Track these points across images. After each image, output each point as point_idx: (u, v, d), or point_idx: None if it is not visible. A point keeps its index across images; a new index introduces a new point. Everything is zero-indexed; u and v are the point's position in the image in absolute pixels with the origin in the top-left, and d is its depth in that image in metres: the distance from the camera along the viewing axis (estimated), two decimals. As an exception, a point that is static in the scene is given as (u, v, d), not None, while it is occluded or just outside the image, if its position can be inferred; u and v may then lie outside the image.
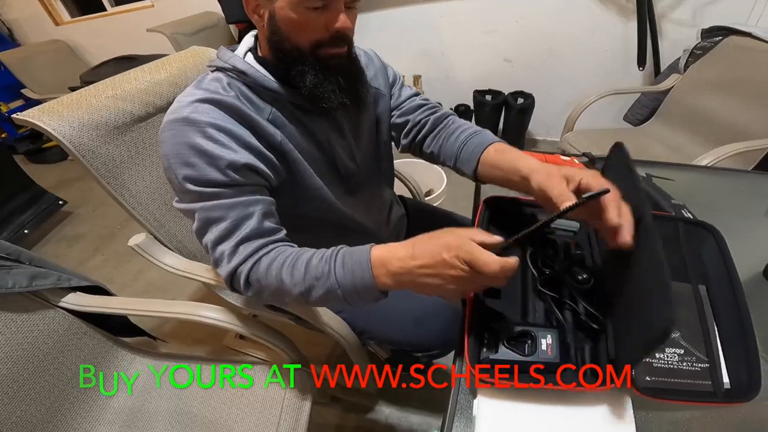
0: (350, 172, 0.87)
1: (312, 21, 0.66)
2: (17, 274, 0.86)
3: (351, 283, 0.59)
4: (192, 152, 0.64)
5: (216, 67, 0.74)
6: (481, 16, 2.45)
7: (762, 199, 0.96)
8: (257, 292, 0.66)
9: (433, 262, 0.54)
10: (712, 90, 1.74)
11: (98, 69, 2.82)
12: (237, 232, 0.65)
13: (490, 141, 0.81)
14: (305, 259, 0.62)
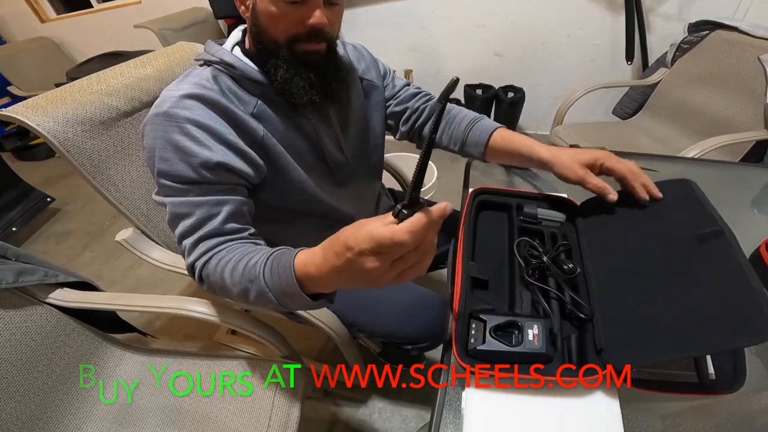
0: (339, 163, 0.87)
1: (289, 15, 0.67)
2: (3, 270, 0.85)
3: (278, 287, 0.57)
4: (168, 147, 0.65)
5: (203, 60, 0.74)
6: (472, 10, 2.45)
7: (747, 190, 0.98)
8: (209, 287, 0.68)
9: (341, 263, 0.47)
10: (698, 84, 1.76)
11: (84, 65, 2.79)
12: (200, 229, 0.66)
13: (494, 127, 0.88)
14: (245, 261, 0.61)
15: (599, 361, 0.53)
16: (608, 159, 0.71)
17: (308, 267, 0.52)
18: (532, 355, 0.54)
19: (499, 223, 0.76)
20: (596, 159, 0.71)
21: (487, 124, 0.89)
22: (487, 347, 0.55)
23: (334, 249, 0.48)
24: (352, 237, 0.45)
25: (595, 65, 2.42)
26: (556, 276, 0.64)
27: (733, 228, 0.82)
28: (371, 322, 0.96)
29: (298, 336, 1.12)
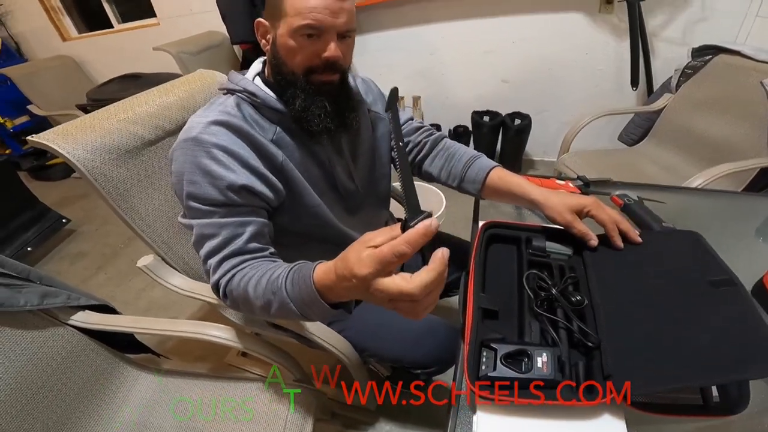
0: (349, 191, 0.92)
1: (306, 48, 0.73)
2: (29, 292, 0.88)
3: (299, 297, 0.61)
4: (197, 171, 0.70)
5: (227, 89, 0.80)
6: (479, 36, 2.49)
7: (751, 219, 0.99)
8: (233, 303, 0.71)
9: (350, 285, 0.50)
10: (703, 109, 1.76)
11: (104, 87, 2.86)
12: (225, 248, 0.70)
13: (491, 166, 0.92)
14: (268, 275, 0.65)
15: (606, 386, 0.55)
16: (594, 207, 0.74)
17: (325, 281, 0.57)
18: (543, 380, 0.56)
19: (508, 256, 0.79)
20: (583, 206, 0.75)
21: (485, 162, 0.93)
22: (498, 374, 0.57)
23: (343, 273, 0.51)
24: (357, 265, 0.48)
25: (600, 91, 2.44)
26: (564, 307, 0.66)
27: (736, 257, 0.85)
28: (381, 347, 0.98)
29: (308, 360, 1.14)
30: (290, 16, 0.71)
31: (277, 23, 0.74)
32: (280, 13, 0.72)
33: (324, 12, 0.71)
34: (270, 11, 0.75)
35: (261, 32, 0.78)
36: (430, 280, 0.45)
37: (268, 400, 0.95)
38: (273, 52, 0.77)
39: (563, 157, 1.86)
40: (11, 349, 0.84)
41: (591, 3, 2.19)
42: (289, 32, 0.72)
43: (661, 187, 1.09)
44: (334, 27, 0.74)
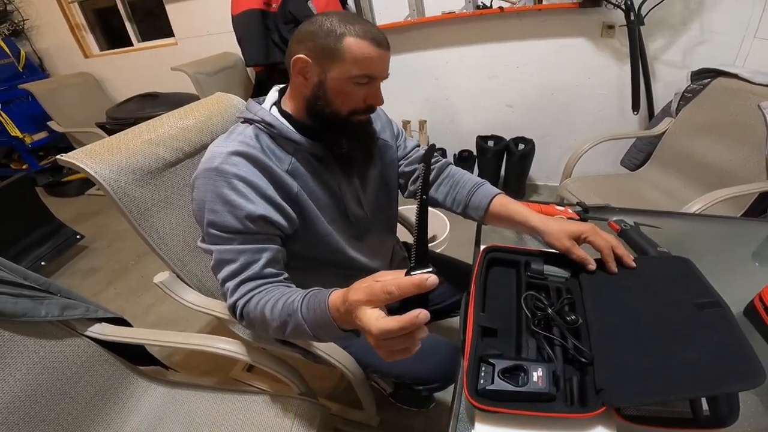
0: (358, 218, 0.95)
1: (356, 93, 0.78)
2: (50, 304, 0.92)
3: (314, 320, 0.65)
4: (218, 200, 0.74)
5: (245, 118, 0.83)
6: (484, 62, 2.54)
7: (747, 244, 1.02)
8: (249, 323, 0.76)
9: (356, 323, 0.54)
10: (702, 133, 1.77)
11: (123, 105, 2.93)
12: (242, 273, 0.74)
13: (495, 193, 0.95)
14: (284, 299, 0.69)
15: (598, 399, 0.58)
16: (592, 233, 0.78)
17: (338, 305, 0.60)
18: (537, 394, 0.59)
19: (508, 278, 0.82)
20: (581, 233, 0.78)
21: (489, 190, 0.97)
22: (496, 387, 0.60)
23: (349, 310, 0.54)
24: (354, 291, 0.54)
25: (602, 115, 2.46)
26: (559, 326, 0.69)
27: (732, 280, 0.88)
28: (386, 363, 0.99)
29: (313, 376, 1.16)
30: (348, 62, 0.74)
31: (330, 66, 0.75)
32: (334, 58, 0.74)
33: (379, 63, 0.77)
34: (319, 52, 0.74)
35: (299, 68, 0.77)
36: (391, 328, 0.48)
37: (272, 413, 0.97)
38: (317, 91, 0.78)
39: (566, 182, 1.88)
40: (30, 358, 0.88)
41: (593, 28, 2.24)
42: (344, 78, 0.75)
43: (658, 212, 1.12)
44: (383, 76, 0.80)
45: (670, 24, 2.09)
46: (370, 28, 0.75)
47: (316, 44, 0.74)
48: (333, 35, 0.73)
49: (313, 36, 0.74)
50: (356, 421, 1.38)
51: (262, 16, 2.32)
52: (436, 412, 1.39)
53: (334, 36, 0.73)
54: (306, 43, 0.75)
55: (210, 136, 1.10)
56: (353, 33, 0.73)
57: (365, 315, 0.51)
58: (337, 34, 0.73)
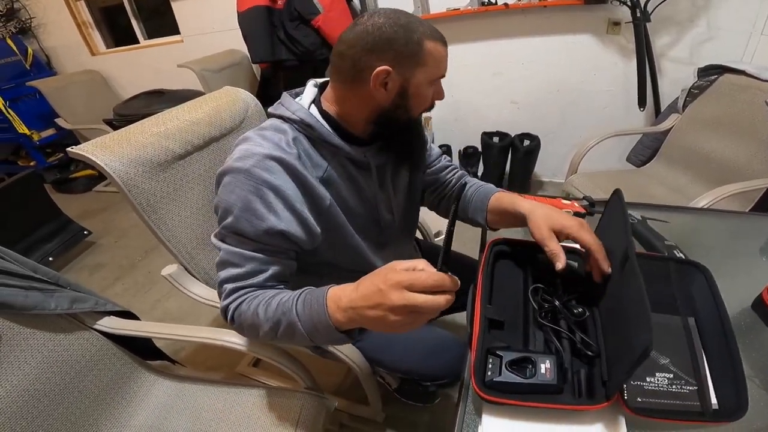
0: (387, 224, 0.94)
1: (429, 95, 0.78)
2: (60, 297, 0.93)
3: (309, 318, 0.63)
4: (241, 205, 0.70)
5: (281, 115, 0.78)
6: (489, 58, 2.54)
7: (755, 239, 1.01)
8: (239, 327, 0.73)
9: (370, 292, 0.56)
10: (709, 129, 1.77)
11: (130, 102, 2.95)
12: (244, 280, 0.72)
13: (493, 192, 0.93)
14: (279, 298, 0.68)
15: (605, 391, 0.58)
16: (578, 230, 0.71)
17: (341, 299, 0.60)
18: (544, 386, 0.59)
19: (515, 271, 0.82)
20: (565, 227, 0.72)
21: (487, 190, 0.95)
22: (503, 379, 0.60)
23: (370, 279, 0.58)
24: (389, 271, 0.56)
25: (608, 111, 2.46)
26: (566, 318, 0.69)
27: (740, 274, 0.88)
28: (393, 358, 1.00)
29: (319, 371, 1.17)
30: (430, 66, 0.73)
31: (413, 72, 0.73)
32: (417, 63, 0.72)
33: (446, 61, 0.77)
34: (401, 60, 0.71)
35: (380, 80, 0.72)
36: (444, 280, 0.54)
37: (278, 408, 0.97)
38: (398, 100, 0.75)
39: (571, 178, 1.88)
40: (39, 351, 0.89)
41: (599, 24, 2.23)
42: (429, 81, 0.75)
43: (665, 207, 1.11)
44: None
45: (676, 21, 2.08)
46: (432, 27, 0.74)
47: (397, 53, 0.70)
48: (413, 42, 0.70)
49: (390, 44, 0.70)
50: (362, 417, 1.38)
51: (267, 13, 2.33)
52: (441, 407, 1.39)
53: (413, 42, 0.70)
54: (385, 53, 0.70)
55: (219, 129, 1.10)
56: (427, 36, 0.71)
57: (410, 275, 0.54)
58: (415, 39, 0.70)
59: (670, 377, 0.61)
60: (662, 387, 0.60)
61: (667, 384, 0.60)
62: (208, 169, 1.08)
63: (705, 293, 0.72)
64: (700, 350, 0.66)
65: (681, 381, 0.61)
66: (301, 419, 0.94)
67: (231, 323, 0.73)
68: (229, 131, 1.14)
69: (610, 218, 0.78)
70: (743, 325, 0.74)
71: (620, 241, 0.67)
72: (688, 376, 0.62)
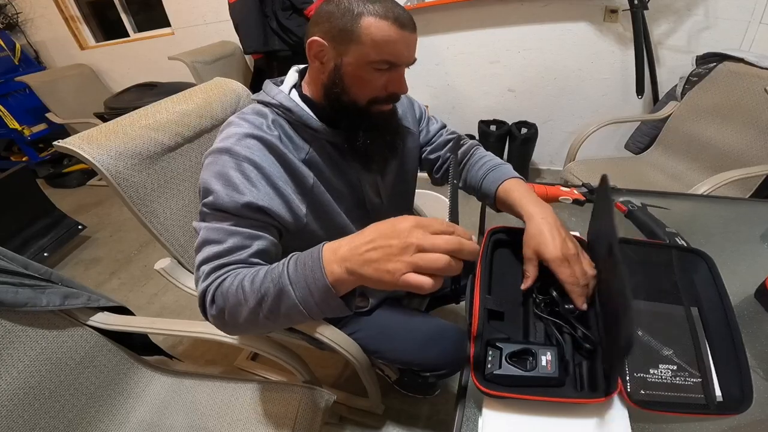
0: (375, 207, 0.91)
1: (375, 81, 0.72)
2: (51, 293, 0.91)
3: (302, 278, 0.55)
4: (220, 180, 0.67)
5: (262, 101, 0.78)
6: (486, 47, 2.53)
7: (756, 225, 1.00)
8: (219, 311, 0.61)
9: (380, 233, 0.51)
10: (708, 117, 1.77)
11: (121, 95, 2.92)
12: (226, 257, 0.64)
13: (503, 178, 0.87)
14: (266, 268, 0.61)
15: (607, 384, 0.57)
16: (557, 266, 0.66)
17: (341, 246, 0.54)
18: (545, 379, 0.58)
19: (514, 260, 0.81)
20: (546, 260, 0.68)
21: (497, 175, 0.89)
22: (504, 372, 0.59)
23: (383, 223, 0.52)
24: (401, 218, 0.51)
25: (606, 99, 2.46)
26: (563, 311, 0.68)
27: (741, 262, 0.87)
28: (392, 349, 0.99)
29: (317, 364, 1.16)
30: (365, 46, 0.68)
31: (345, 49, 0.69)
32: (350, 39, 0.68)
33: (402, 46, 0.69)
34: (334, 33, 0.69)
35: (314, 52, 0.72)
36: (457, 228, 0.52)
37: (277, 402, 0.96)
38: (332, 77, 0.72)
39: (570, 165, 1.88)
40: (32, 349, 0.87)
41: (596, 12, 2.22)
42: (361, 63, 0.69)
43: (666, 193, 1.10)
44: (407, 62, 0.72)
45: (674, 9, 2.08)
46: (392, 6, 0.68)
47: (332, 25, 0.68)
48: (349, 15, 0.67)
49: (329, 16, 0.68)
50: (361, 409, 1.38)
51: (259, 3, 2.30)
52: (441, 398, 1.39)
53: (350, 15, 0.67)
54: (321, 25, 0.69)
55: (210, 120, 1.08)
56: (372, 12, 0.66)
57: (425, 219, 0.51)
58: (354, 13, 0.67)
59: (674, 369, 0.60)
60: (666, 379, 0.59)
61: (671, 376, 0.59)
62: (199, 161, 1.06)
63: (708, 282, 0.71)
64: (704, 341, 0.65)
65: (685, 373, 0.60)
66: (300, 413, 0.93)
67: (210, 308, 0.62)
68: (220, 122, 1.12)
69: (599, 206, 0.75)
70: (746, 314, 0.73)
71: (607, 231, 0.64)
72: (692, 367, 0.60)
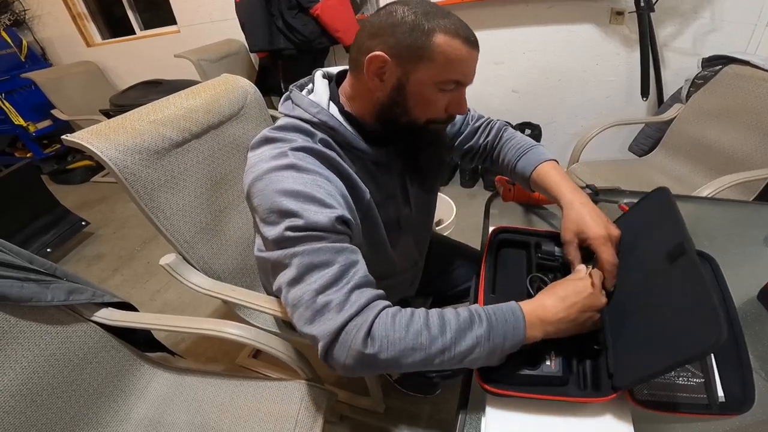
0: (404, 216, 0.87)
1: (440, 101, 0.68)
2: (56, 288, 0.92)
3: (502, 331, 0.56)
4: (300, 198, 0.59)
5: (299, 118, 0.70)
6: (490, 48, 2.51)
7: (760, 228, 1.00)
8: (380, 349, 0.53)
9: (568, 292, 0.62)
10: (713, 120, 1.76)
11: (127, 92, 2.92)
12: (346, 277, 0.57)
13: (538, 161, 0.86)
14: (436, 314, 0.58)
15: (610, 384, 0.57)
16: (598, 243, 0.69)
17: (534, 306, 0.61)
18: (549, 378, 0.58)
19: (518, 260, 0.81)
20: (589, 238, 0.70)
21: (532, 158, 0.87)
22: (507, 370, 0.59)
23: (566, 289, 0.63)
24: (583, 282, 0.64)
25: (610, 101, 2.45)
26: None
27: (742, 264, 0.87)
28: None
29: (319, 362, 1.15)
30: (437, 64, 0.63)
31: (414, 66, 0.64)
32: (420, 57, 0.63)
33: (470, 65, 0.67)
34: (402, 50, 0.63)
35: (375, 68, 0.65)
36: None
37: (279, 399, 0.97)
38: (394, 96, 0.67)
39: (573, 167, 1.87)
40: (36, 344, 0.88)
41: (601, 14, 2.21)
42: (429, 82, 0.65)
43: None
44: (470, 81, 0.69)
45: (680, 11, 2.07)
46: (461, 24, 0.64)
47: (398, 40, 0.62)
48: (420, 30, 0.61)
49: (393, 30, 0.62)
50: (363, 408, 1.38)
51: (265, 2, 2.29)
52: (442, 398, 1.39)
53: (421, 31, 0.61)
54: (384, 38, 0.63)
55: (217, 116, 1.09)
56: (443, 29, 0.62)
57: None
58: (425, 29, 0.61)
59: (677, 369, 0.60)
60: (669, 379, 0.59)
61: (674, 376, 0.60)
62: (206, 157, 1.07)
63: (712, 284, 0.71)
64: (707, 342, 0.65)
65: (688, 373, 0.60)
66: (302, 411, 0.93)
67: (364, 345, 0.53)
68: (228, 118, 1.13)
69: (648, 212, 0.76)
70: (749, 316, 0.74)
71: (666, 235, 0.66)
72: (695, 368, 0.61)
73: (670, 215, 0.68)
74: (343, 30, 2.35)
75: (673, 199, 0.71)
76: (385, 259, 0.85)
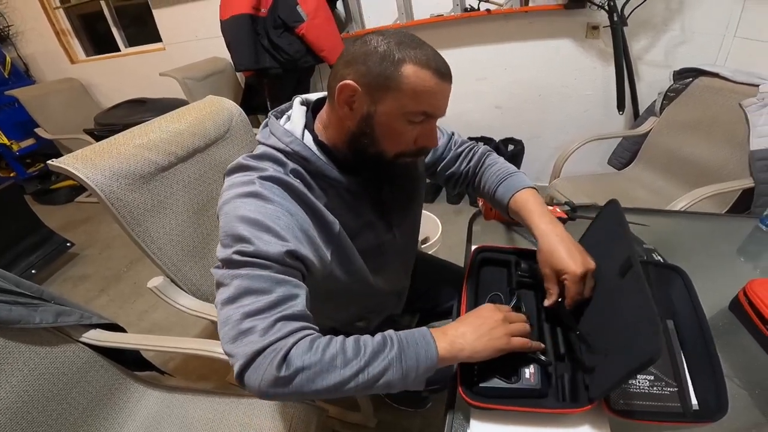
0: (386, 242, 0.86)
1: (408, 133, 0.67)
2: (44, 311, 0.92)
3: (414, 353, 0.58)
4: (255, 226, 0.61)
5: (274, 147, 0.70)
6: (473, 64, 2.55)
7: (733, 240, 1.04)
8: (294, 372, 0.53)
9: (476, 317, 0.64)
10: (686, 132, 1.80)
11: (112, 111, 2.90)
12: (279, 308, 0.57)
13: (515, 189, 0.85)
14: (353, 339, 0.58)
15: (587, 395, 0.60)
16: (571, 280, 0.68)
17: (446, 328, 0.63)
18: (529, 390, 0.61)
19: (499, 278, 0.84)
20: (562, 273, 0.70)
21: (510, 185, 0.87)
22: (489, 384, 0.62)
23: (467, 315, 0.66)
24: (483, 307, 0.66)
25: (589, 115, 2.49)
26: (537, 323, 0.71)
27: (718, 275, 0.90)
28: None
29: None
30: (404, 95, 0.62)
31: (381, 96, 0.63)
32: (387, 87, 0.62)
33: (440, 98, 0.66)
34: (371, 79, 0.62)
35: (345, 97, 0.64)
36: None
37: (269, 416, 0.97)
38: (362, 126, 0.66)
39: (555, 182, 1.90)
40: (25, 365, 0.88)
41: (578, 29, 2.27)
42: (397, 113, 0.64)
43: (645, 210, 1.14)
44: (442, 114, 0.69)
45: (652, 24, 2.13)
46: (434, 55, 0.64)
47: (368, 69, 0.62)
48: (389, 60, 0.61)
49: (365, 59, 0.62)
50: (354, 423, 1.39)
51: (251, 21, 2.32)
52: (432, 411, 1.40)
53: (390, 61, 0.61)
54: (356, 67, 0.63)
55: (203, 140, 1.10)
56: (413, 59, 0.61)
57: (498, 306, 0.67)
58: (395, 59, 0.61)
59: (651, 379, 0.63)
60: (644, 389, 0.62)
61: (648, 386, 0.62)
62: (192, 180, 1.07)
63: (683, 296, 0.74)
64: (679, 352, 0.68)
65: (661, 383, 0.63)
66: (293, 428, 0.94)
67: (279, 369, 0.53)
68: (214, 141, 1.14)
69: (604, 227, 0.79)
70: (721, 326, 0.77)
71: (618, 249, 0.68)
72: (668, 377, 0.64)
73: (620, 230, 0.71)
74: (329, 49, 2.38)
75: (622, 212, 0.74)
76: (366, 285, 0.85)
